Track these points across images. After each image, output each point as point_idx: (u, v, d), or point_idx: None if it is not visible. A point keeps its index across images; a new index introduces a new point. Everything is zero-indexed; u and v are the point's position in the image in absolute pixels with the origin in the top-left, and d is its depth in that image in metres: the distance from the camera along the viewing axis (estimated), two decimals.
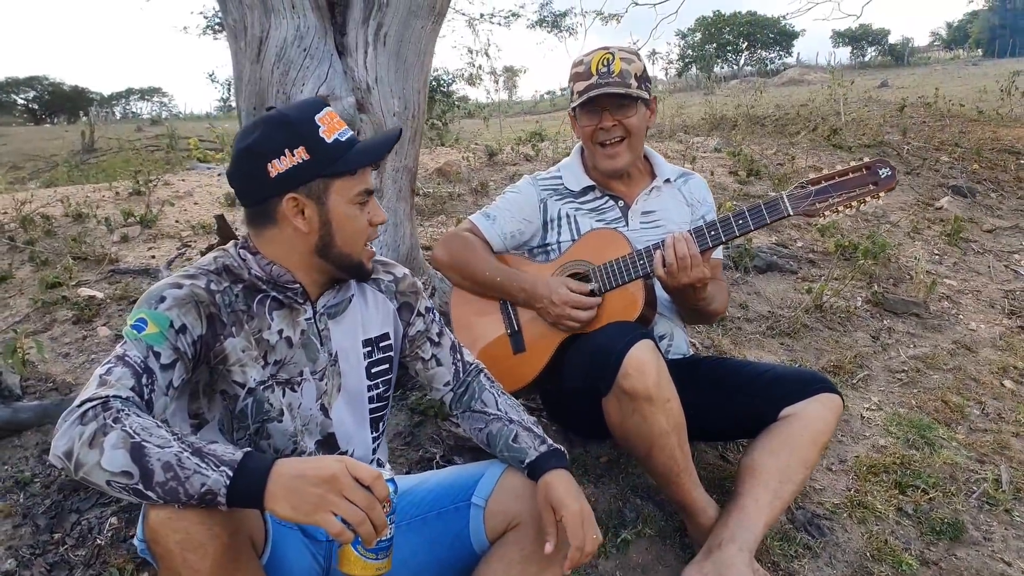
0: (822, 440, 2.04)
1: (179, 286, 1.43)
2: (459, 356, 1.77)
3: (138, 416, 1.19)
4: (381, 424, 1.72)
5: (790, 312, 3.51)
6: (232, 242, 1.58)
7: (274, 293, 1.51)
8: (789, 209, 1.95)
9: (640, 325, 2.01)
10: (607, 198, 2.22)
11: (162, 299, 1.40)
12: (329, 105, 1.49)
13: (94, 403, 1.20)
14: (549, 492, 1.50)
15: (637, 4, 11.35)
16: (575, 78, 2.13)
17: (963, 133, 7.72)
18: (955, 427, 2.88)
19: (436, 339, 1.75)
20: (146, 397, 1.29)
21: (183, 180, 4.93)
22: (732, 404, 2.12)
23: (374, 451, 1.70)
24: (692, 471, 2.00)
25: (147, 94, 54.28)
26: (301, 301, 1.53)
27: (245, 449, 1.20)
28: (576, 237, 2.19)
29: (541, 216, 2.23)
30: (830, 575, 2.11)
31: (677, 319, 2.29)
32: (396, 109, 2.67)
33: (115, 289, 2.99)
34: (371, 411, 1.66)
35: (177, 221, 3.99)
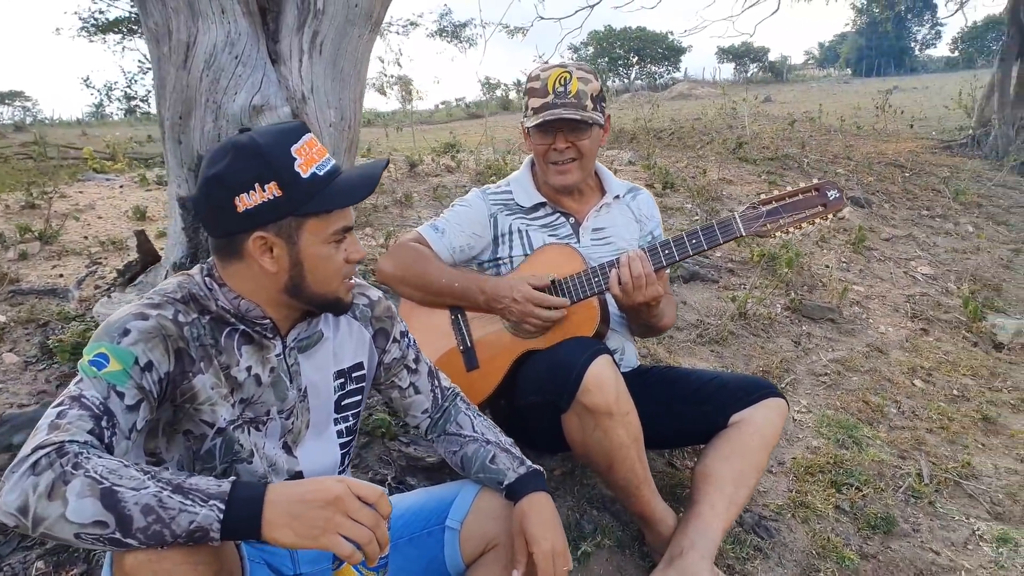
0: (771, 443, 2.10)
1: (144, 317, 1.30)
2: (437, 382, 1.71)
3: (101, 459, 1.08)
4: (347, 457, 1.64)
5: (716, 320, 3.61)
6: (196, 268, 1.45)
7: (243, 327, 1.40)
8: (742, 229, 1.98)
9: (597, 340, 2.01)
10: (558, 214, 2.21)
11: (126, 332, 1.26)
12: (307, 131, 1.35)
13: (46, 450, 1.07)
14: (524, 522, 1.47)
15: (542, 19, 11.60)
16: (530, 93, 2.10)
17: (849, 147, 8.20)
18: (877, 426, 3.03)
19: (413, 366, 1.68)
20: (106, 441, 1.17)
21: (80, 192, 4.61)
22: (682, 412, 2.15)
23: None
24: (651, 482, 2.03)
25: (7, 98, 50.68)
26: (271, 336, 1.43)
27: (230, 478, 1.12)
28: (528, 251, 2.17)
29: (492, 231, 2.20)
30: (781, 575, 2.17)
31: (628, 333, 2.31)
32: (332, 120, 2.59)
33: (18, 311, 2.75)
34: (340, 445, 1.58)
35: (84, 237, 3.72)
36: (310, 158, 1.31)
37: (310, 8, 2.48)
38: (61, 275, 3.15)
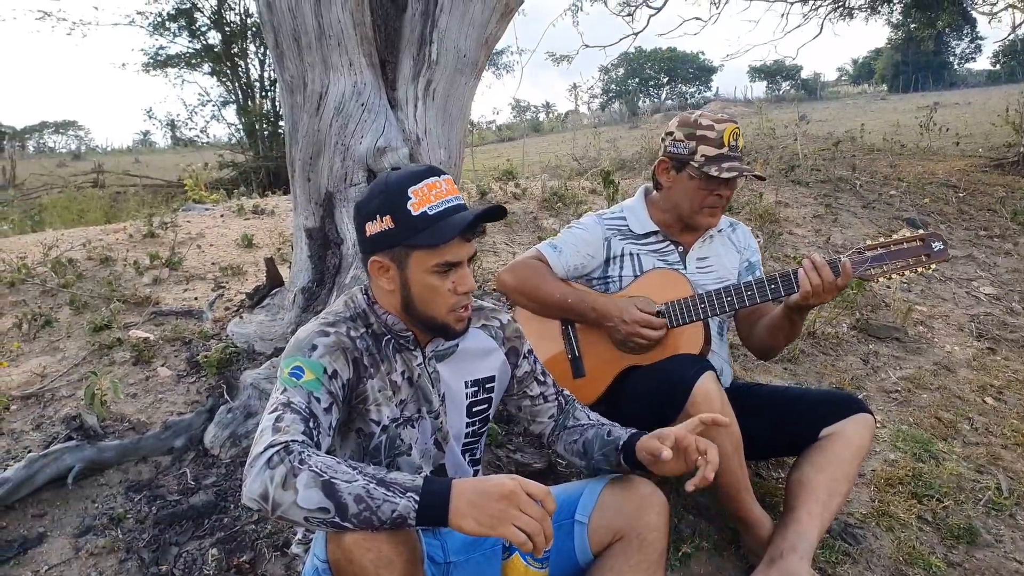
0: (860, 456, 2.26)
1: (326, 334, 1.59)
2: (560, 391, 1.93)
3: (318, 456, 1.33)
4: (476, 454, 1.87)
5: None
6: (357, 288, 1.73)
7: (393, 338, 1.67)
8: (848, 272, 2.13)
9: (703, 359, 2.21)
10: (668, 243, 2.41)
11: (314, 347, 1.55)
12: (436, 175, 1.55)
13: (276, 448, 1.33)
14: (652, 433, 1.66)
15: (587, 46, 11.88)
16: (703, 141, 2.25)
17: (895, 167, 8.28)
18: (951, 441, 3.17)
19: (542, 378, 1.90)
20: (315, 439, 1.43)
21: (188, 222, 5.00)
22: (776, 427, 2.33)
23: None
24: (750, 488, 2.22)
25: (62, 127, 52.75)
26: (413, 347, 1.68)
27: (423, 474, 1.36)
28: (638, 273, 2.37)
29: (605, 252, 2.41)
30: None
31: (726, 355, 2.51)
32: (442, 159, 2.86)
33: (163, 331, 3.07)
34: (464, 445, 1.81)
35: (202, 264, 4.07)
36: (425, 199, 1.52)
37: (425, 60, 2.76)
38: (196, 298, 3.48)
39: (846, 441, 2.22)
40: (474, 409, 1.81)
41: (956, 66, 59.49)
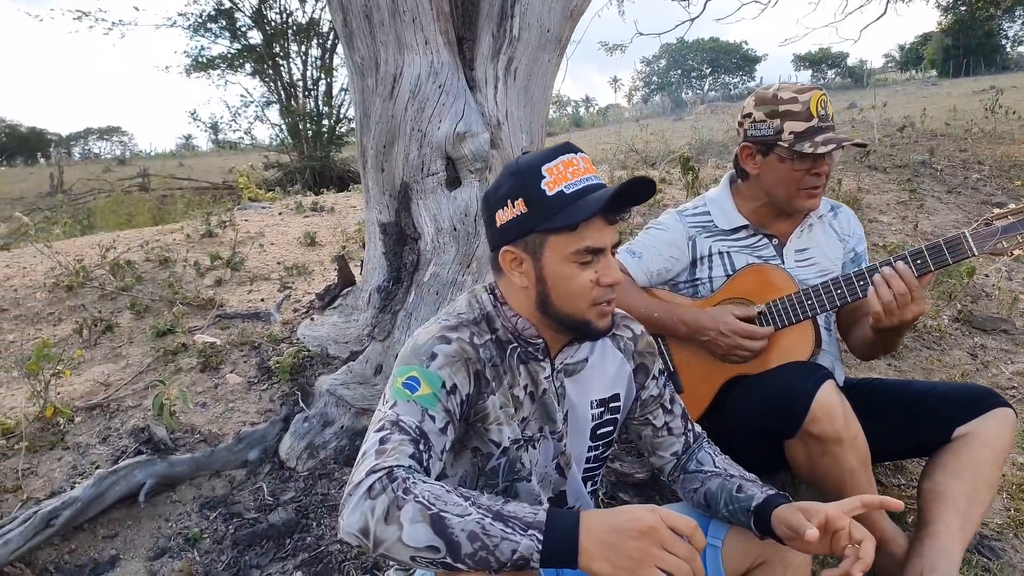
0: (1002, 457, 1.99)
1: (447, 340, 1.38)
2: (690, 426, 1.69)
3: (426, 484, 1.14)
4: (596, 481, 1.66)
5: None
6: (480, 287, 1.52)
7: (519, 347, 1.46)
8: (974, 248, 1.85)
9: (817, 365, 1.95)
10: (761, 236, 2.15)
11: (433, 356, 1.35)
12: (572, 152, 1.39)
13: (378, 475, 1.14)
14: (795, 505, 1.38)
15: (641, 34, 11.59)
16: (787, 116, 1.98)
17: (963, 151, 7.87)
18: None
19: (669, 406, 1.66)
20: (424, 464, 1.23)
21: (246, 220, 4.87)
22: (900, 427, 2.07)
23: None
24: None
25: (106, 133, 53.89)
26: (541, 357, 1.47)
27: (544, 507, 1.15)
28: (730, 272, 2.13)
29: (690, 253, 2.17)
30: None
31: (837, 352, 2.26)
32: (524, 144, 2.66)
33: (229, 335, 2.92)
34: (586, 471, 1.60)
35: (264, 264, 3.92)
36: (560, 176, 1.33)
37: (506, 36, 2.56)
38: (262, 299, 3.32)
39: (985, 441, 1.94)
40: (599, 431, 1.60)
41: (1009, 49, 57.72)
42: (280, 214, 5.05)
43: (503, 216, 1.38)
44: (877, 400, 2.15)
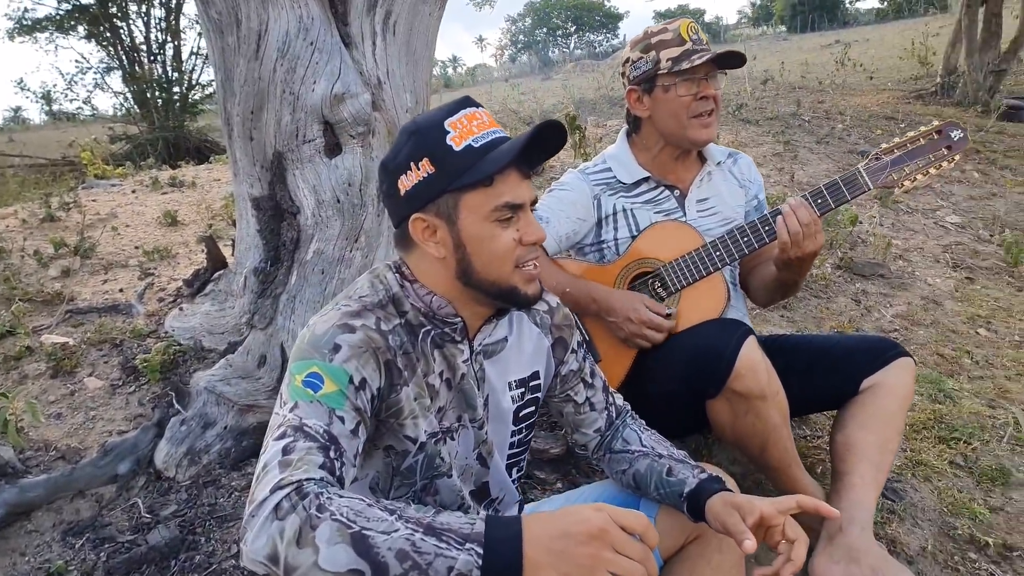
0: (906, 406, 2.06)
1: (351, 329, 1.21)
2: (611, 399, 1.60)
3: (343, 498, 0.99)
4: (521, 467, 1.56)
5: None
6: (383, 265, 1.36)
7: (434, 330, 1.31)
8: (869, 183, 1.91)
9: (737, 322, 1.93)
10: (662, 188, 2.11)
11: (336, 347, 1.18)
12: (475, 106, 1.27)
13: (285, 491, 0.99)
14: (729, 500, 1.33)
15: None
16: (661, 47, 1.98)
17: (821, 103, 8.25)
18: (958, 377, 3.03)
19: (590, 380, 1.57)
20: (337, 474, 1.08)
21: (94, 201, 4.36)
22: (810, 381, 2.09)
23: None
24: (798, 458, 1.99)
25: None
26: (459, 339, 1.33)
27: (480, 515, 1.02)
28: (635, 232, 2.07)
29: (596, 213, 2.10)
30: (922, 535, 2.15)
31: (743, 307, 2.25)
32: (408, 104, 2.46)
33: (84, 332, 2.57)
34: (509, 457, 1.49)
35: (120, 249, 3.51)
36: (466, 131, 1.23)
37: None
38: (121, 290, 2.95)
39: (890, 391, 2.00)
40: (521, 414, 1.48)
41: (848, 5, 61.67)
42: (134, 192, 4.56)
43: (407, 181, 1.24)
44: (785, 356, 2.14)
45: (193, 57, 13.94)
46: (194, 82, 14.02)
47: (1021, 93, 10.20)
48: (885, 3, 52.84)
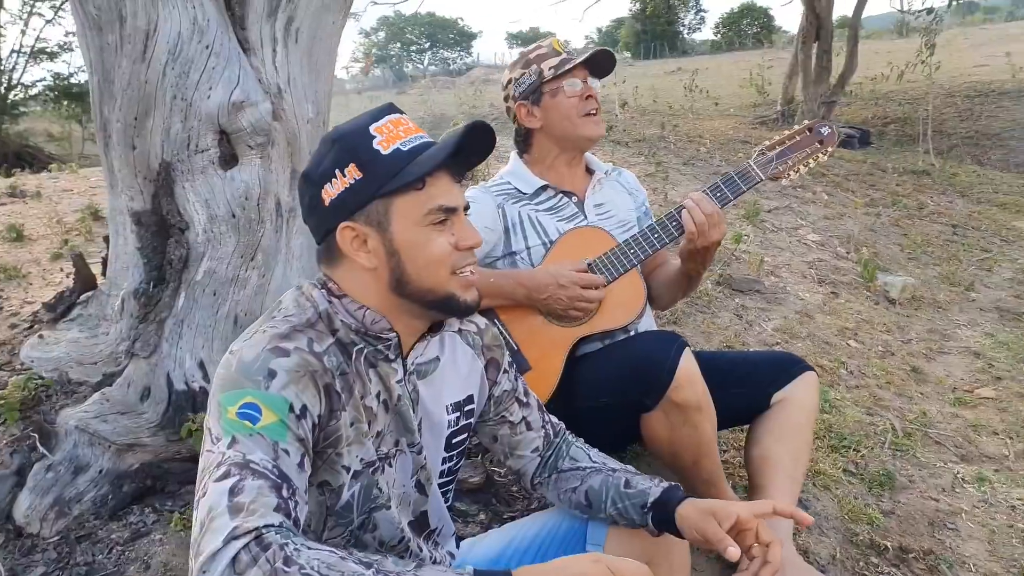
0: (814, 418, 2.17)
1: (283, 352, 1.11)
2: (547, 417, 1.55)
3: (311, 549, 0.90)
4: (449, 496, 1.48)
5: None
6: (306, 284, 1.26)
7: (367, 348, 1.22)
8: (760, 175, 2.04)
9: (673, 333, 1.96)
10: (560, 195, 2.15)
11: (271, 374, 1.07)
12: (398, 112, 1.23)
13: (243, 541, 0.88)
14: (702, 506, 1.30)
15: (375, 3, 11.22)
16: (540, 60, 2.10)
17: (675, 127, 8.67)
18: (837, 387, 3.22)
19: (524, 399, 1.52)
20: (293, 516, 0.98)
21: None
22: (724, 397, 2.13)
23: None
24: (723, 470, 2.03)
25: None
26: (392, 357, 1.25)
27: (468, 569, 0.96)
28: (545, 239, 2.09)
29: (502, 221, 2.10)
30: (829, 544, 2.24)
31: (652, 316, 2.28)
32: (310, 115, 2.31)
33: None
34: (440, 485, 1.41)
35: None
36: (393, 135, 1.19)
37: None
38: None
39: (799, 405, 2.12)
40: (454, 440, 1.41)
41: (686, 35, 65.97)
42: None
43: (332, 190, 1.18)
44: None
45: (15, 55, 12.78)
46: (15, 81, 12.85)
47: (849, 122, 11.21)
48: (719, 36, 57.14)
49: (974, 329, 4.12)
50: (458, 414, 1.39)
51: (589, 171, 2.24)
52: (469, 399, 1.42)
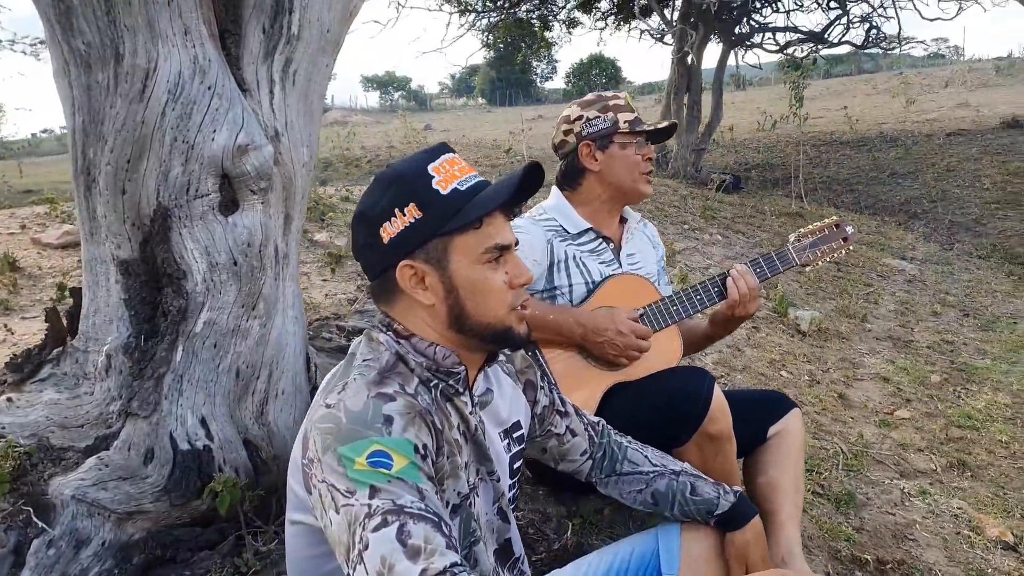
0: (804, 448, 2.32)
1: (389, 397, 1.14)
2: (585, 418, 1.62)
3: None
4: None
5: None
6: (372, 330, 1.29)
7: (440, 383, 1.26)
8: (797, 260, 2.20)
9: (700, 368, 2.05)
10: (601, 240, 2.21)
11: (388, 419, 1.10)
12: (451, 151, 1.27)
13: None
14: (745, 554, 1.46)
15: None
16: (618, 109, 2.16)
17: None
18: None
19: (563, 408, 1.58)
20: (459, 552, 1.00)
21: None
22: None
23: None
24: None
25: None
26: (462, 390, 1.29)
27: None
28: (588, 280, 2.13)
29: (549, 257, 2.13)
30: (820, 562, 2.38)
31: None
32: (305, 159, 2.26)
33: None
34: (512, 511, 1.45)
35: None
36: (450, 175, 1.22)
37: (282, 33, 2.13)
38: None
39: (793, 436, 2.25)
40: (514, 466, 1.45)
41: (540, 84, 68.68)
42: None
43: (391, 228, 1.20)
44: None
45: None
46: None
47: (718, 169, 12.06)
48: (570, 84, 59.86)
49: (876, 357, 4.51)
50: (508, 441, 1.42)
51: (622, 219, 2.30)
52: (517, 425, 1.46)
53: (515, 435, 1.45)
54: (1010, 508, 2.88)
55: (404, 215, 1.20)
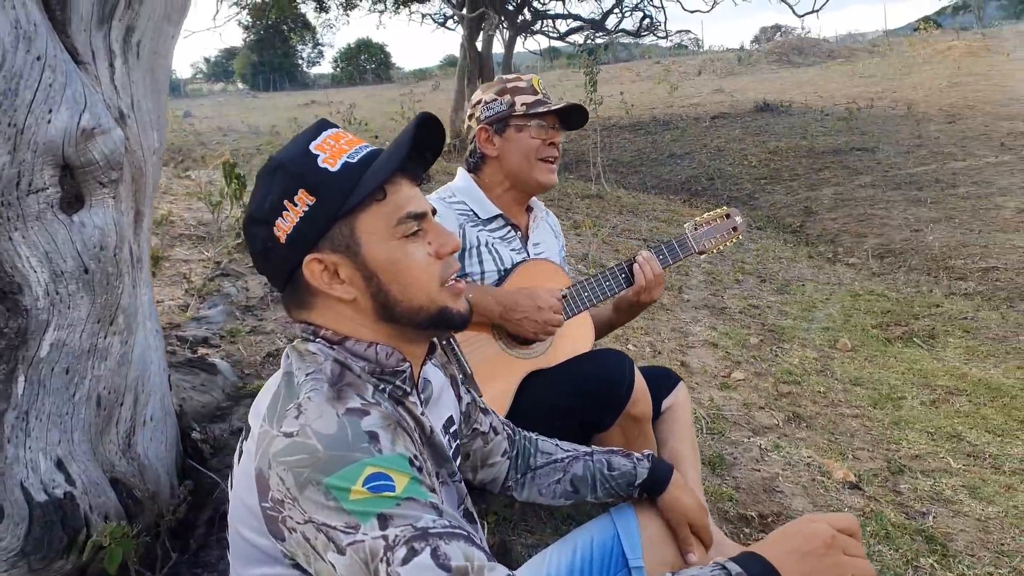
0: (691, 417, 2.41)
1: (361, 411, 1.02)
2: (498, 416, 1.56)
3: None
4: None
5: None
6: (296, 341, 1.15)
7: (386, 385, 1.14)
8: (695, 247, 2.25)
9: (618, 351, 2.03)
10: (509, 227, 2.15)
11: (372, 436, 0.98)
12: (335, 127, 1.16)
13: None
14: (682, 509, 1.47)
15: None
16: (516, 92, 2.08)
17: None
18: None
19: (483, 405, 1.52)
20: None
21: None
22: None
23: None
24: None
25: None
26: (409, 389, 1.18)
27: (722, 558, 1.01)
28: (500, 267, 2.06)
29: (462, 242, 2.03)
30: (714, 522, 2.47)
31: None
32: (155, 145, 1.94)
33: None
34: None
35: None
36: (337, 150, 1.10)
37: None
38: None
39: (684, 409, 2.34)
40: (457, 463, 1.37)
41: (306, 68, 66.48)
42: None
43: (286, 224, 1.07)
44: None
45: None
46: None
47: None
48: (338, 70, 58.73)
49: (699, 325, 4.82)
50: (448, 437, 1.33)
51: (527, 208, 2.23)
52: (451, 420, 1.37)
53: (451, 430, 1.35)
54: (844, 451, 3.19)
55: (296, 205, 1.06)
